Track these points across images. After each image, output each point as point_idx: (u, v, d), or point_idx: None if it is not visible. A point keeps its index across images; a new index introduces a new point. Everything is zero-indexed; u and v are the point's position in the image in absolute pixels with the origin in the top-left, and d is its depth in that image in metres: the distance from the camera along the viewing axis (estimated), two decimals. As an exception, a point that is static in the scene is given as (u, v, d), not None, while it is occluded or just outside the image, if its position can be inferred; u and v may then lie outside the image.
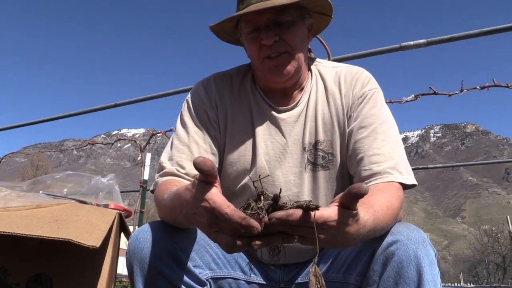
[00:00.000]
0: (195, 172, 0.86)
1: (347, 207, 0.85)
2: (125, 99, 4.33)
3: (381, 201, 1.05)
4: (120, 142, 5.72)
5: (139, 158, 4.98)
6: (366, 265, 1.11)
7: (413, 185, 1.23)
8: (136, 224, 4.66)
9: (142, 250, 1.10)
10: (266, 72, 1.33)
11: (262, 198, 0.85)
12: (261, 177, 0.90)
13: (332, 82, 1.41)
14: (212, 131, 1.38)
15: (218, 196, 0.86)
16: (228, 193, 1.38)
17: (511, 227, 13.85)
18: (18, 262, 1.69)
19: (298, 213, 0.80)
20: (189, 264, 1.15)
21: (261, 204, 0.83)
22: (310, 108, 1.38)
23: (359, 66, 1.45)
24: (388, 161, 1.22)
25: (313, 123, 1.37)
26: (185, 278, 1.14)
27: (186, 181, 1.24)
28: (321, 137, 1.35)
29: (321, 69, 1.45)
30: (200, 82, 1.46)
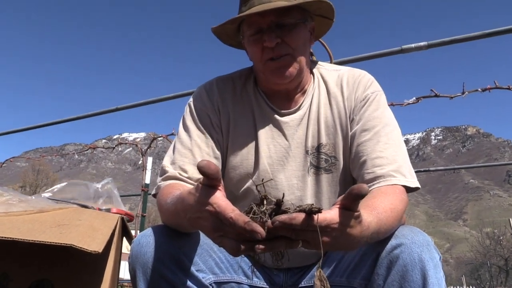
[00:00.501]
0: (198, 176, 0.85)
1: (349, 209, 0.84)
2: (126, 103, 4.33)
3: (385, 204, 1.04)
4: (121, 146, 5.72)
5: (140, 162, 4.97)
6: (370, 269, 1.10)
7: (417, 188, 1.22)
8: (138, 228, 4.65)
9: (145, 255, 1.10)
10: (268, 74, 1.33)
11: (265, 202, 0.84)
12: (264, 181, 0.90)
13: (334, 85, 1.40)
14: (215, 135, 1.37)
15: (223, 200, 0.85)
16: (231, 197, 1.37)
17: (513, 230, 13.78)
18: (20, 268, 1.68)
19: (301, 217, 0.80)
20: (192, 269, 1.15)
21: (264, 208, 0.83)
22: (313, 111, 1.38)
23: (361, 69, 1.44)
24: (391, 164, 1.21)
25: (316, 126, 1.36)
26: (188, 283, 1.13)
27: (189, 185, 1.23)
28: (324, 140, 1.35)
29: (323, 72, 1.45)
30: (202, 86, 1.46)
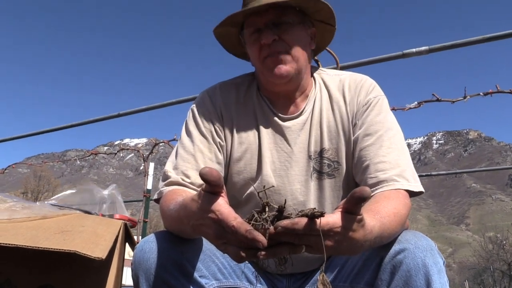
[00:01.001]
0: (201, 181, 0.86)
1: (352, 212, 0.84)
2: (128, 109, 4.33)
3: (388, 208, 1.04)
4: (123, 152, 5.71)
5: (142, 168, 4.97)
6: (374, 274, 1.10)
7: (420, 192, 1.22)
8: (140, 234, 4.64)
9: (148, 261, 1.09)
10: (266, 72, 1.34)
11: (267, 210, 0.84)
12: (266, 188, 0.90)
13: (336, 90, 1.40)
14: (218, 140, 1.38)
15: (225, 208, 0.85)
16: (235, 202, 1.37)
17: (516, 234, 13.73)
18: (24, 274, 1.68)
19: (304, 221, 0.80)
20: (195, 274, 1.14)
21: (266, 216, 0.83)
22: (315, 116, 1.38)
23: (362, 74, 1.45)
24: (394, 169, 1.21)
25: (319, 131, 1.36)
26: (191, 289, 1.13)
27: (192, 191, 1.23)
28: (327, 145, 1.35)
29: (325, 77, 1.45)
30: (205, 91, 1.47)
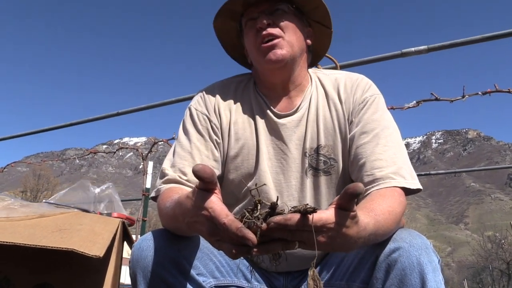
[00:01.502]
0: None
1: (345, 208, 0.84)
2: (127, 108, 4.34)
3: (382, 206, 1.04)
4: (122, 151, 5.71)
5: (141, 167, 4.97)
6: (369, 272, 1.10)
7: (418, 190, 1.22)
8: (139, 233, 4.64)
9: (145, 259, 1.10)
10: (262, 58, 1.35)
11: (259, 207, 0.84)
12: (258, 186, 0.90)
13: (332, 88, 1.41)
14: (214, 138, 1.38)
15: (218, 205, 0.85)
16: (233, 199, 1.38)
17: (515, 233, 13.76)
18: (22, 272, 1.68)
19: (296, 217, 0.80)
20: (193, 272, 1.15)
21: (257, 214, 0.83)
22: (311, 113, 1.38)
23: (361, 73, 1.45)
24: (391, 166, 1.21)
25: (315, 128, 1.37)
26: (189, 286, 1.13)
27: (189, 188, 1.24)
28: (323, 142, 1.35)
29: (321, 76, 1.46)
30: (203, 90, 1.48)
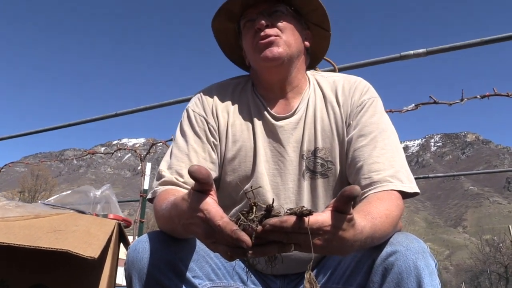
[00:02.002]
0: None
1: (341, 211, 0.84)
2: (126, 109, 4.33)
3: (379, 209, 1.04)
4: (120, 152, 5.70)
5: (139, 168, 4.97)
6: (366, 276, 1.10)
7: (415, 193, 1.21)
8: (136, 234, 4.63)
9: (141, 261, 1.09)
10: (258, 57, 1.35)
11: (255, 210, 0.84)
12: (253, 188, 0.89)
13: (330, 91, 1.41)
14: (211, 140, 1.38)
15: (213, 207, 0.85)
16: (231, 200, 1.38)
17: (513, 237, 13.78)
18: (16, 273, 1.67)
19: (292, 219, 0.80)
20: (188, 275, 1.14)
21: (253, 216, 0.82)
22: (309, 115, 1.38)
23: (359, 76, 1.45)
24: (388, 170, 1.21)
25: (312, 130, 1.36)
26: (184, 289, 1.13)
27: (185, 190, 1.23)
28: (320, 144, 1.35)
29: (319, 78, 1.46)
30: (200, 91, 1.47)
